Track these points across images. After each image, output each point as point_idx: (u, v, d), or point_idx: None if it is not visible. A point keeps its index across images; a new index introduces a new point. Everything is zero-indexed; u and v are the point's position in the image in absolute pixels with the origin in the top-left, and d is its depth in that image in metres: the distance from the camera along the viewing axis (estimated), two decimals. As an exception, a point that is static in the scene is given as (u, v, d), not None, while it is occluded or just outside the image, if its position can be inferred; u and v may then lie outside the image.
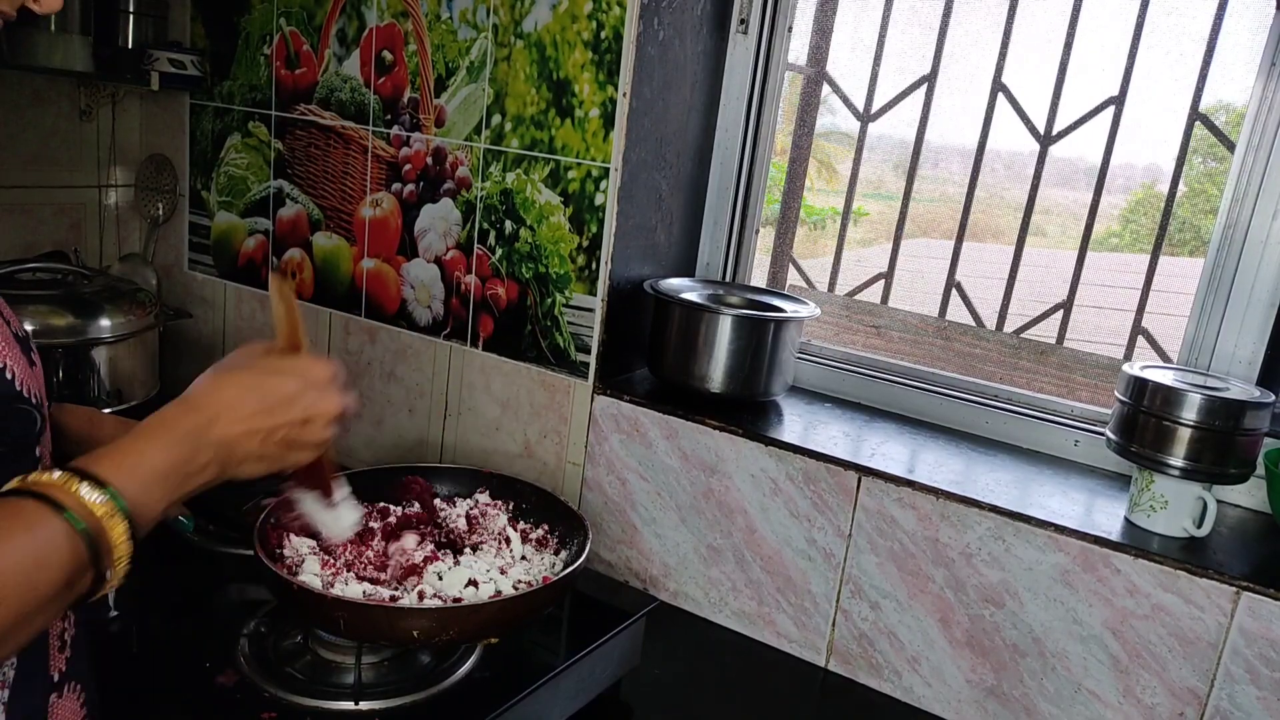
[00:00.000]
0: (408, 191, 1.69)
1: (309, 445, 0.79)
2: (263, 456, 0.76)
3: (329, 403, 0.80)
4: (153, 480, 0.68)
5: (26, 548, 0.59)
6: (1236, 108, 1.33)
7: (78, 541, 0.61)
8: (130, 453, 0.67)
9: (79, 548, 0.61)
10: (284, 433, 0.76)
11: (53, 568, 0.60)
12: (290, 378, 0.78)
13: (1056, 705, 1.23)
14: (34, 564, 0.59)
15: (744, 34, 1.58)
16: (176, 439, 0.70)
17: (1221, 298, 1.31)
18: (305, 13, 1.74)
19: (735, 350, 1.46)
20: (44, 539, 0.60)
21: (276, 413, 0.76)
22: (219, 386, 0.76)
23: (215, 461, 0.72)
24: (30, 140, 1.87)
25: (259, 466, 0.76)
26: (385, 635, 1.02)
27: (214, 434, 0.72)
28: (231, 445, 0.73)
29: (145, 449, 0.68)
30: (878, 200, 1.72)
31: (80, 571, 0.61)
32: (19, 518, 0.60)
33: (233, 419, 0.73)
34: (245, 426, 0.74)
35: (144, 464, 0.67)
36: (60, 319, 1.57)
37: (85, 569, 0.62)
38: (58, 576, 0.60)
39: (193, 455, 0.71)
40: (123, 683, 1.01)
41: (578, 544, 1.20)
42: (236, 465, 0.74)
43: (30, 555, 0.59)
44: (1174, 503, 1.19)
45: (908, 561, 1.30)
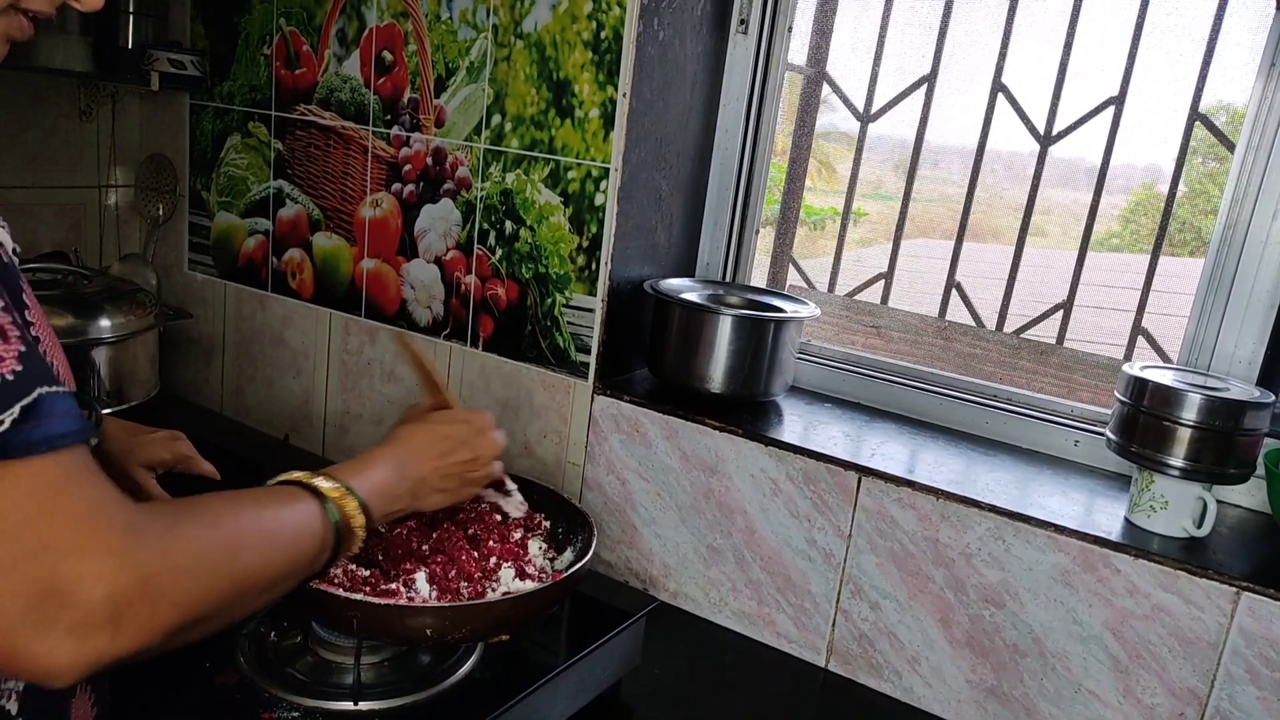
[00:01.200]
0: (408, 192, 1.69)
1: (478, 479, 1.04)
2: (444, 489, 0.99)
3: (491, 444, 1.05)
4: (376, 493, 0.88)
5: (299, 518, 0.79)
6: (1236, 108, 1.33)
7: (329, 527, 0.81)
8: (362, 470, 0.89)
9: (329, 532, 0.81)
10: (459, 469, 1.00)
11: (311, 538, 0.79)
12: (460, 427, 1.02)
13: (1056, 705, 1.23)
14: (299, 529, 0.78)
15: (744, 34, 1.58)
16: (390, 466, 0.93)
17: (1221, 298, 1.31)
18: (305, 13, 1.74)
19: (735, 350, 1.46)
20: (310, 517, 0.80)
21: (453, 454, 1.00)
22: (412, 434, 0.99)
23: (409, 492, 0.95)
24: (30, 140, 1.87)
25: (441, 498, 1.00)
26: (398, 633, 1.02)
27: (411, 469, 0.95)
28: (422, 479, 0.96)
29: (372, 469, 0.90)
30: (878, 200, 1.72)
31: (325, 549, 0.81)
32: (291, 497, 0.80)
33: (424, 459, 0.97)
34: (432, 465, 0.97)
35: (371, 480, 0.89)
36: (60, 319, 1.57)
37: (327, 549, 0.81)
38: (312, 547, 0.79)
39: (399, 481, 0.93)
40: (123, 683, 1.01)
41: (583, 540, 1.20)
42: (425, 496, 0.97)
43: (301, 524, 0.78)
44: (1174, 503, 1.19)
45: (908, 562, 1.30)
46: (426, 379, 1.10)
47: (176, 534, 0.63)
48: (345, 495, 0.84)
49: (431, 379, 1.10)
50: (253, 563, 0.69)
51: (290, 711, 1.02)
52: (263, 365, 1.96)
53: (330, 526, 0.81)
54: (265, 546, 0.72)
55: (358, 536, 0.84)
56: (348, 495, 0.84)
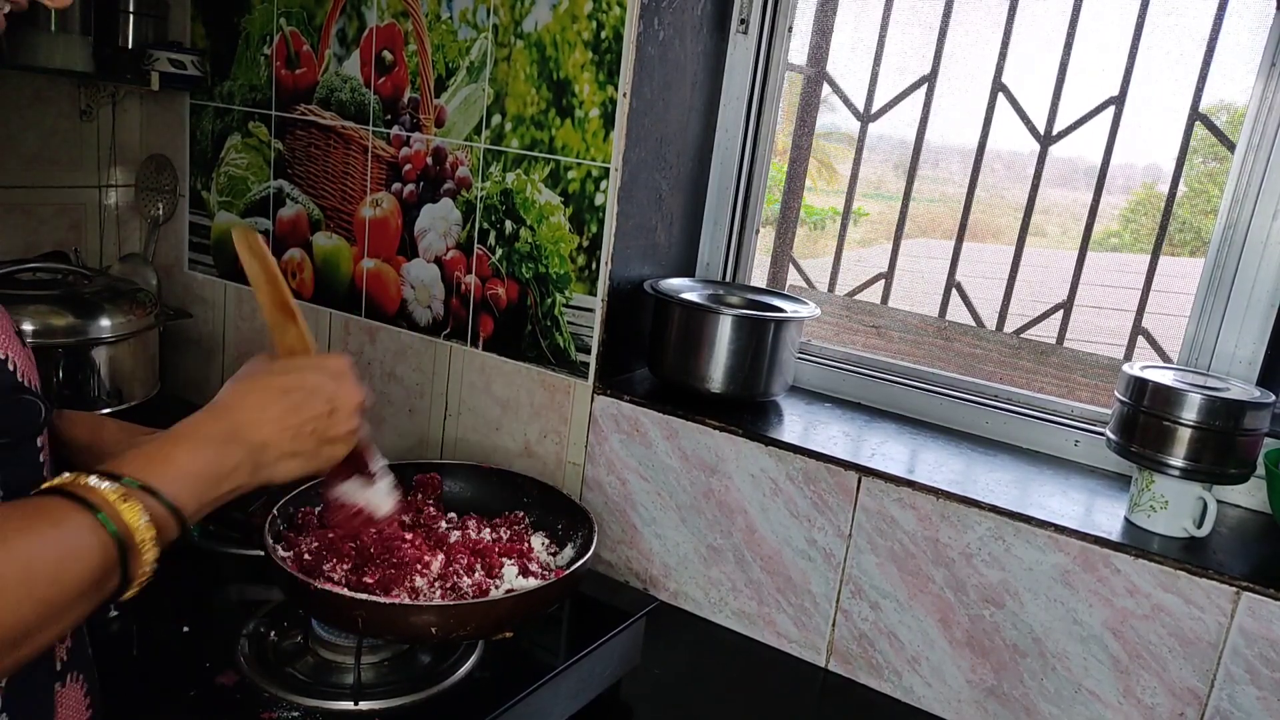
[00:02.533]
0: (408, 191, 1.69)
1: (339, 437, 0.80)
2: (296, 453, 0.77)
3: (350, 392, 0.81)
4: (181, 483, 0.68)
5: (54, 543, 0.59)
6: (1236, 108, 1.33)
7: (108, 541, 0.62)
8: (158, 457, 0.68)
9: (109, 547, 0.62)
10: (312, 426, 0.77)
11: (80, 563, 0.60)
12: (310, 373, 0.79)
13: (1056, 705, 1.23)
14: (61, 559, 0.59)
15: (744, 34, 1.58)
16: (204, 442, 0.71)
17: (1221, 298, 1.31)
18: (305, 13, 1.74)
19: (735, 350, 1.46)
20: (73, 535, 0.60)
21: (303, 408, 0.77)
22: (243, 392, 0.77)
23: (247, 463, 0.73)
24: (30, 140, 1.87)
25: (294, 464, 0.77)
26: (403, 632, 1.02)
27: (243, 436, 0.73)
28: (263, 446, 0.74)
29: (173, 452, 0.69)
30: (878, 200, 1.72)
31: (109, 572, 0.62)
32: (48, 514, 0.61)
33: (261, 419, 0.74)
34: (274, 426, 0.75)
35: (172, 467, 0.68)
36: (60, 319, 1.57)
37: (114, 569, 0.62)
38: (85, 573, 0.60)
39: (221, 458, 0.71)
40: (123, 682, 1.01)
41: (583, 538, 1.20)
42: (271, 465, 0.75)
43: (58, 551, 0.59)
44: (1174, 503, 1.19)
45: (908, 562, 1.30)
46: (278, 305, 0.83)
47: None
48: (126, 496, 0.64)
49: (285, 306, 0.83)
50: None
51: (290, 711, 1.02)
52: (263, 365, 1.96)
53: (110, 542, 0.62)
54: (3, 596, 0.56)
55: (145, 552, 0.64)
56: (131, 495, 0.64)
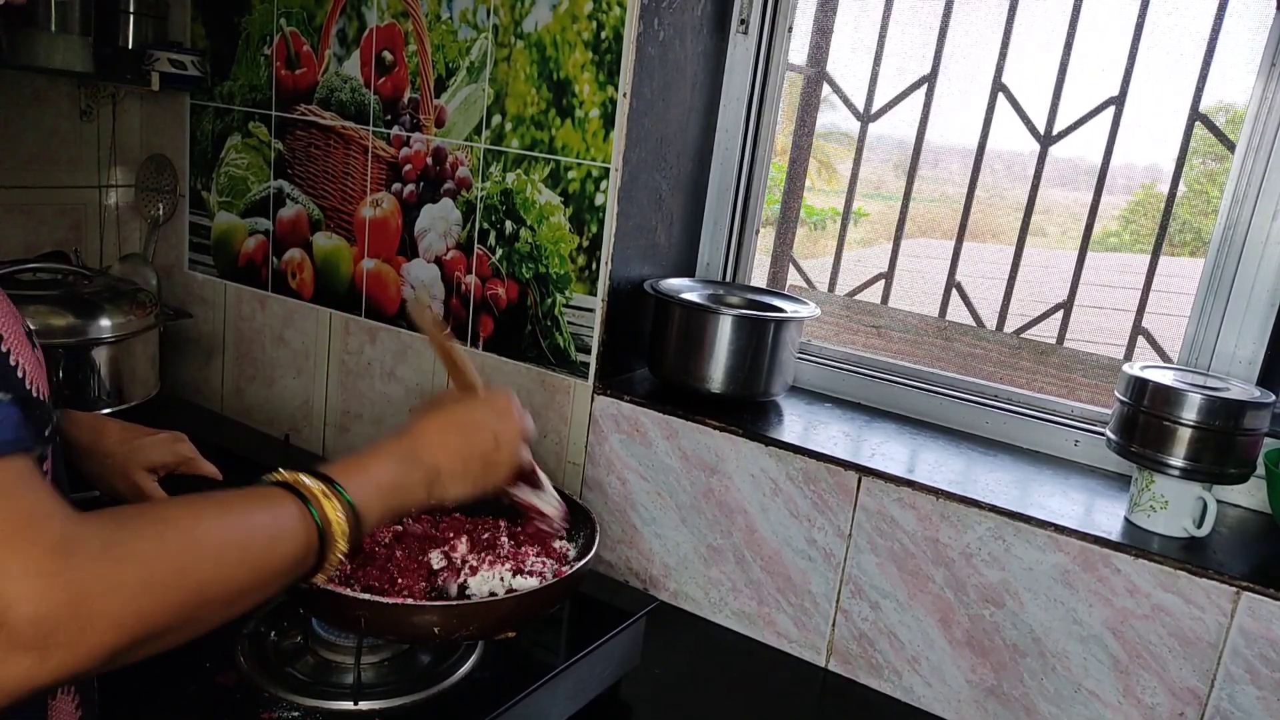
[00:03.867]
0: (408, 192, 1.69)
1: (503, 465, 0.95)
2: (465, 476, 0.91)
3: (514, 427, 0.96)
4: (374, 491, 0.81)
5: (272, 521, 0.72)
6: (1236, 108, 1.33)
7: (312, 528, 0.74)
8: (358, 467, 0.82)
9: (312, 533, 0.74)
10: (480, 455, 0.92)
11: (289, 542, 0.72)
12: (480, 410, 0.95)
13: (1056, 705, 1.23)
14: (275, 535, 0.72)
15: (744, 34, 1.58)
16: (395, 459, 0.86)
17: (1221, 298, 1.31)
18: (305, 13, 1.74)
19: (735, 350, 1.46)
20: (286, 518, 0.73)
21: (473, 440, 0.92)
22: (427, 422, 0.92)
23: (424, 481, 0.87)
24: (30, 140, 1.87)
25: (463, 486, 0.91)
26: (405, 631, 1.02)
27: (423, 458, 0.87)
28: (438, 468, 0.88)
29: (370, 465, 0.83)
30: (878, 200, 1.72)
31: (308, 553, 0.74)
32: (268, 498, 0.74)
33: (439, 445, 0.89)
34: (449, 453, 0.89)
35: (369, 477, 0.82)
36: (60, 319, 1.57)
37: (312, 553, 0.75)
38: (291, 551, 0.73)
39: (407, 474, 0.86)
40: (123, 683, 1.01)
41: (585, 537, 1.20)
42: (444, 486, 0.89)
43: (274, 528, 0.72)
44: (1174, 503, 1.19)
45: (908, 561, 1.30)
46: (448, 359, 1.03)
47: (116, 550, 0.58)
48: (328, 494, 0.76)
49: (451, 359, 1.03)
50: (209, 576, 0.64)
51: (290, 711, 1.02)
52: (263, 365, 1.96)
53: (314, 529, 0.75)
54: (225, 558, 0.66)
55: (338, 543, 0.77)
56: (331, 495, 0.77)
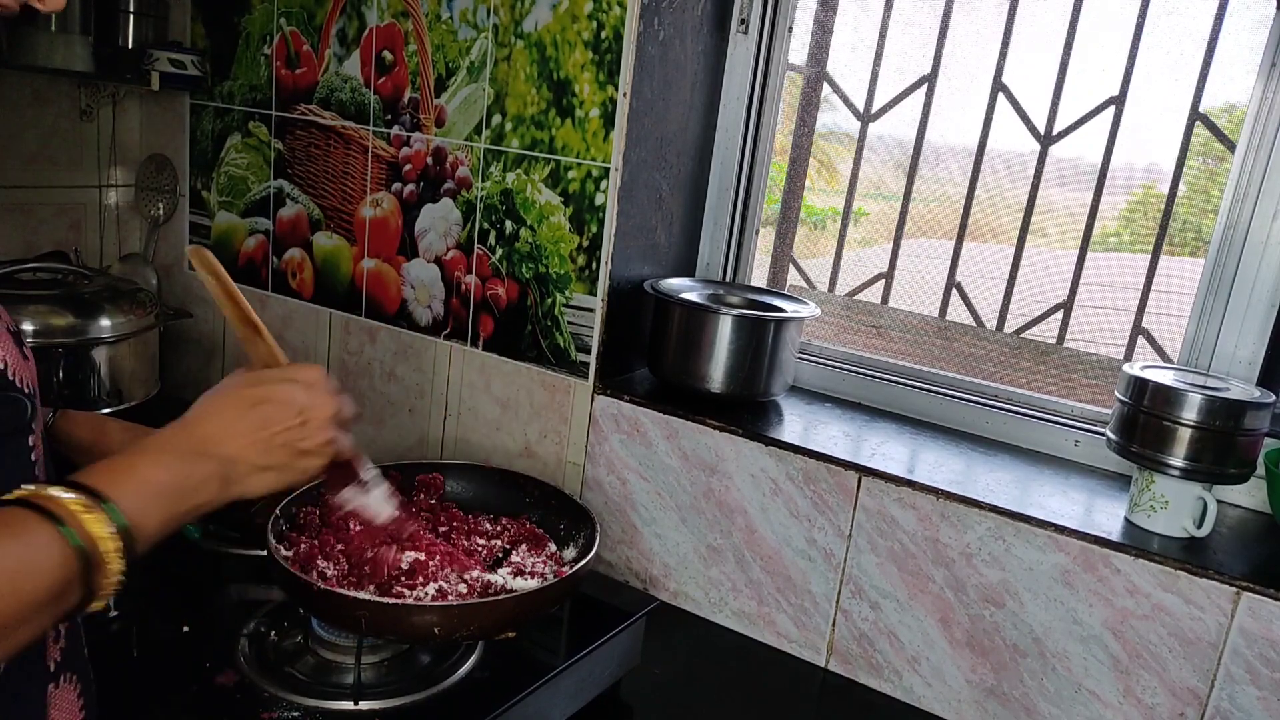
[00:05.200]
0: (408, 191, 1.69)
1: (313, 449, 0.79)
2: (269, 466, 0.76)
3: (322, 402, 0.80)
4: (149, 497, 0.68)
5: (14, 554, 0.59)
6: (1237, 108, 1.33)
7: (70, 554, 0.61)
8: (126, 469, 0.68)
9: (70, 560, 0.61)
10: (284, 438, 0.77)
11: (40, 576, 0.59)
12: (280, 385, 0.79)
13: (1056, 705, 1.23)
14: (20, 571, 0.58)
15: (744, 34, 1.58)
16: (173, 456, 0.71)
17: (1222, 298, 1.31)
18: (305, 13, 1.74)
19: (735, 350, 1.46)
20: (34, 548, 0.60)
21: (272, 420, 0.76)
22: (213, 405, 0.77)
23: (216, 476, 0.73)
24: (30, 140, 1.87)
25: (267, 477, 0.77)
26: (406, 632, 1.02)
27: (211, 450, 0.73)
28: (232, 460, 0.74)
29: (141, 465, 0.69)
30: (878, 200, 1.72)
31: (69, 584, 0.61)
32: (8, 526, 0.60)
33: (230, 433, 0.74)
34: (244, 439, 0.75)
35: (141, 480, 0.68)
36: (60, 319, 1.57)
37: (75, 582, 0.61)
38: (44, 586, 0.59)
39: (190, 471, 0.71)
40: (123, 683, 1.02)
41: (585, 538, 1.20)
42: (242, 480, 0.75)
43: (16, 562, 0.58)
44: (1174, 503, 1.19)
45: (908, 561, 1.30)
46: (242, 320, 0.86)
47: None
48: (90, 508, 0.62)
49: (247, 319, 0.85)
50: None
51: (290, 711, 1.02)
52: (263, 365, 1.96)
53: (72, 554, 0.61)
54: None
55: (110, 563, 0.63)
56: (94, 508, 0.63)
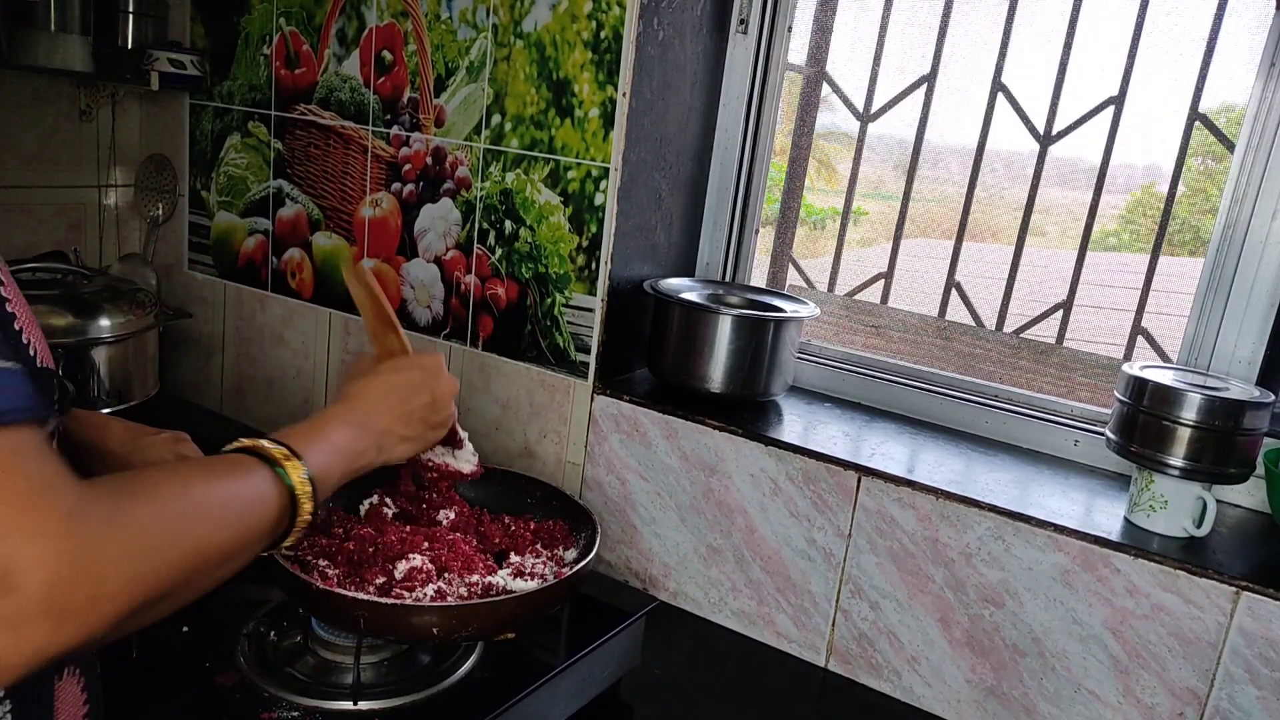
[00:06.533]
0: (407, 191, 1.69)
1: (440, 422, 0.99)
2: (408, 437, 0.95)
3: (446, 384, 1.00)
4: (332, 456, 0.84)
5: (251, 486, 0.74)
6: (1236, 108, 1.33)
7: (283, 492, 0.76)
8: (316, 433, 0.84)
9: (284, 497, 0.76)
10: (420, 414, 0.96)
11: (266, 504, 0.74)
12: (415, 371, 0.98)
13: (1056, 705, 1.23)
14: (255, 499, 0.74)
15: (744, 34, 1.58)
16: (348, 424, 0.89)
17: (1221, 298, 1.31)
18: (305, 13, 1.74)
19: (735, 350, 1.46)
20: (262, 484, 0.75)
21: (412, 400, 0.96)
22: (367, 387, 0.94)
23: (374, 445, 0.90)
24: (30, 140, 1.87)
25: (408, 447, 0.96)
26: (405, 632, 1.02)
27: (371, 422, 0.90)
28: (386, 431, 0.92)
29: (326, 430, 0.86)
30: (878, 200, 1.72)
31: (281, 516, 0.76)
32: (242, 465, 0.75)
33: (383, 410, 0.92)
34: (392, 414, 0.93)
35: (326, 442, 0.84)
36: (60, 319, 1.57)
37: (285, 515, 0.76)
38: (269, 513, 0.74)
39: (360, 438, 0.89)
40: (123, 683, 1.01)
41: (586, 538, 1.20)
42: (391, 448, 0.93)
43: (253, 492, 0.74)
44: (1174, 502, 1.19)
45: (907, 561, 1.30)
46: (381, 320, 1.04)
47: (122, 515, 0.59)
48: (290, 459, 0.78)
49: (387, 319, 1.04)
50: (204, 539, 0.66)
51: (290, 711, 1.02)
52: (262, 365, 1.96)
53: (285, 491, 0.77)
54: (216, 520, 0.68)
55: (304, 505, 0.79)
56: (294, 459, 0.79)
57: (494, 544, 1.21)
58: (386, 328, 1.03)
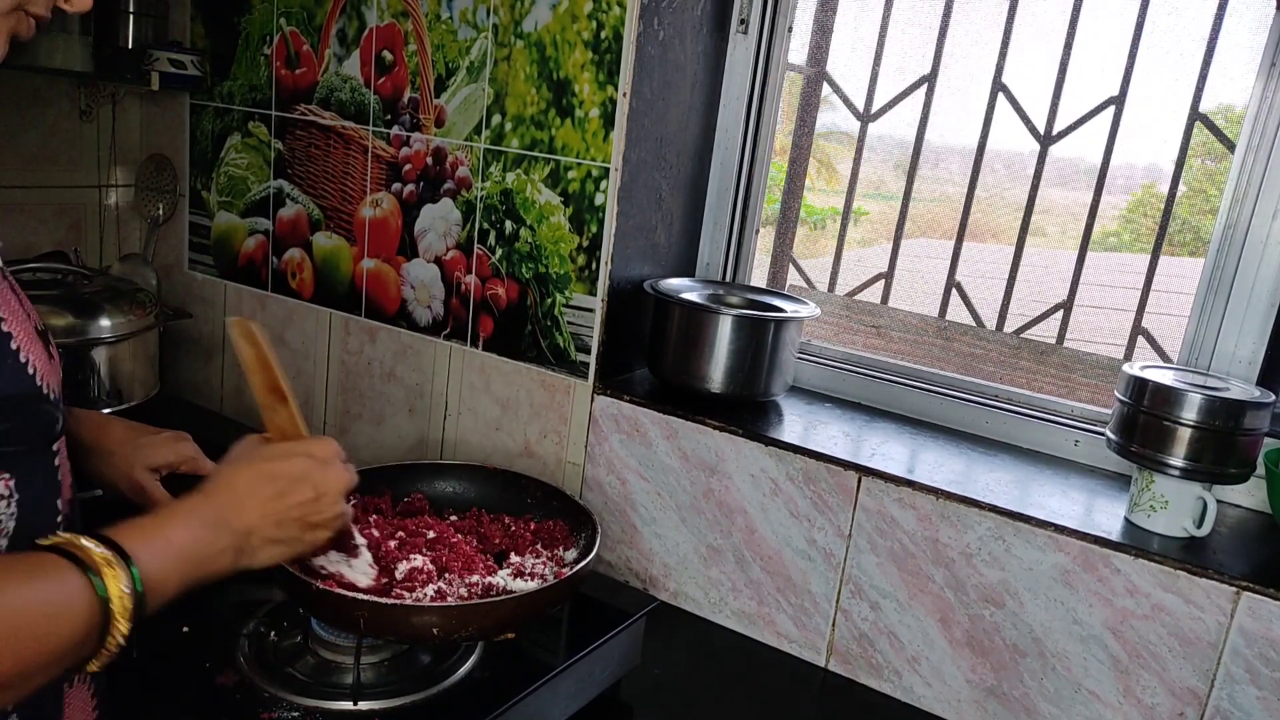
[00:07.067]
0: (408, 191, 1.69)
1: (323, 523, 0.84)
2: (280, 539, 0.80)
3: (336, 478, 0.84)
4: (171, 560, 0.71)
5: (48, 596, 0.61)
6: (1236, 108, 1.33)
7: (95, 606, 0.63)
8: (154, 530, 0.72)
9: (95, 612, 0.63)
10: (298, 512, 0.81)
11: (70, 621, 0.62)
12: (297, 460, 0.83)
13: (1056, 705, 1.23)
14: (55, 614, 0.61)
15: (744, 34, 1.58)
16: (198, 522, 0.75)
17: (1221, 298, 1.31)
18: (305, 13, 1.74)
19: (735, 350, 1.46)
20: (65, 593, 0.62)
21: (288, 495, 0.80)
22: (234, 475, 0.80)
23: (232, 548, 0.77)
24: (30, 140, 1.87)
25: (277, 550, 0.81)
26: (405, 632, 1.02)
27: (231, 521, 0.77)
28: (249, 531, 0.78)
29: (169, 528, 0.73)
30: (878, 200, 1.72)
31: (90, 634, 0.63)
32: (46, 570, 0.63)
33: (249, 505, 0.78)
34: (259, 512, 0.79)
35: (167, 543, 0.71)
36: (60, 319, 1.57)
37: (94, 633, 0.64)
38: (70, 633, 0.62)
39: (213, 540, 0.75)
40: (123, 683, 1.01)
41: (586, 538, 1.20)
42: (254, 551, 0.79)
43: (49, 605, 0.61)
44: (1174, 503, 1.19)
45: (908, 561, 1.30)
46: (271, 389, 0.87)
47: None
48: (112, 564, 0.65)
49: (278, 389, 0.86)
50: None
51: (290, 711, 1.02)
52: (263, 365, 1.96)
53: (97, 605, 0.63)
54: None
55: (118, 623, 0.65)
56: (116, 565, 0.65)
57: (494, 544, 1.22)
58: (277, 399, 0.86)
